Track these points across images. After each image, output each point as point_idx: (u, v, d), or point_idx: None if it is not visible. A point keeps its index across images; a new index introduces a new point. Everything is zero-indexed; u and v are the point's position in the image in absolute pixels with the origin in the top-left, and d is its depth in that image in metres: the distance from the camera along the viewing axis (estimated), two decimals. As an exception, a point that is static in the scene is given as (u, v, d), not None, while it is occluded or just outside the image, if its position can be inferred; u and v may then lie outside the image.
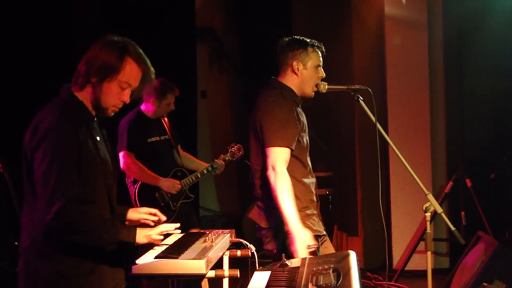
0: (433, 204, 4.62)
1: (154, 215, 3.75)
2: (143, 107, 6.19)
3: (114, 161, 3.63)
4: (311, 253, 4.08)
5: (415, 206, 7.34)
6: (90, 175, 3.27)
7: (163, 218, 3.75)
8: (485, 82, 7.57)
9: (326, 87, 4.55)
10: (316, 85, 4.55)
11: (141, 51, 3.43)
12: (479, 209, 7.04)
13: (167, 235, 3.55)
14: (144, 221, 3.71)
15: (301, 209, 4.36)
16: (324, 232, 4.55)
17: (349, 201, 8.40)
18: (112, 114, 3.47)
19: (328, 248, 4.62)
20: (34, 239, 3.27)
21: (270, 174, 4.23)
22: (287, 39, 4.60)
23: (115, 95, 3.36)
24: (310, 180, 4.54)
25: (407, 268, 7.44)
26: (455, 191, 7.40)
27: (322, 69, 4.58)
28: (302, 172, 4.47)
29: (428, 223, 4.78)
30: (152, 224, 3.64)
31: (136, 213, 3.76)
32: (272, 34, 4.75)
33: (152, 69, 3.46)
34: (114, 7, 7.90)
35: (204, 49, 10.03)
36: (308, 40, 4.56)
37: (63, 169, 3.15)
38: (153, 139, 6.19)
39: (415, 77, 7.93)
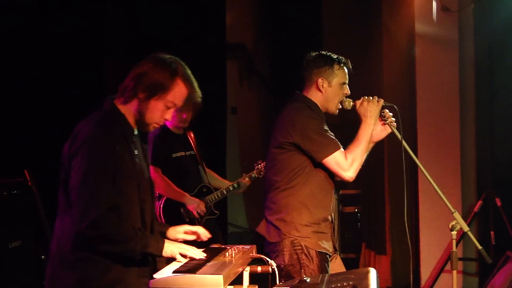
0: (459, 222, 4.56)
1: (195, 233, 3.77)
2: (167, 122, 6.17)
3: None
4: None
5: (444, 225, 7.16)
6: (122, 187, 3.32)
7: (204, 237, 3.77)
8: (515, 100, 7.49)
9: (351, 104, 4.53)
10: (341, 102, 4.54)
11: (189, 72, 3.49)
12: (508, 229, 6.94)
13: None
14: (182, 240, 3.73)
15: (310, 224, 4.36)
16: (331, 253, 4.54)
17: (377, 219, 8.34)
18: (153, 129, 3.55)
19: (338, 265, 4.60)
20: (62, 246, 3.33)
21: (345, 176, 4.35)
22: (313, 54, 4.58)
23: (160, 113, 3.44)
24: (329, 197, 4.51)
25: (435, 287, 7.36)
26: (485, 210, 7.30)
27: (347, 87, 4.55)
28: (324, 187, 4.46)
29: (454, 241, 4.73)
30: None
31: (175, 232, 3.77)
32: (303, 51, 4.74)
33: (198, 91, 3.53)
34: (145, 23, 7.96)
35: (235, 65, 10.04)
36: (335, 57, 4.54)
37: (100, 179, 3.22)
38: (178, 154, 6.19)
39: (445, 94, 7.86)
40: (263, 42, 10.24)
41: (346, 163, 4.31)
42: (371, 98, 4.44)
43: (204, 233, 3.77)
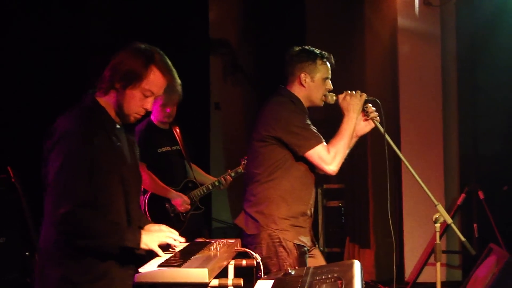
0: (443, 215, 4.57)
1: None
2: (152, 116, 6.16)
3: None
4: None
5: (427, 218, 7.17)
6: (103, 181, 3.30)
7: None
8: (498, 94, 7.52)
9: (334, 98, 4.54)
10: (325, 96, 4.55)
11: (167, 60, 3.46)
12: (491, 222, 6.99)
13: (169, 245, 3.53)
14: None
15: (288, 217, 4.39)
16: (309, 247, 4.55)
17: (361, 213, 8.37)
18: (134, 120, 3.51)
19: (317, 258, 4.62)
20: (47, 243, 3.32)
21: (328, 170, 4.37)
22: (296, 49, 4.58)
23: (138, 102, 3.40)
24: (308, 192, 4.54)
25: (419, 280, 7.40)
26: (468, 203, 7.35)
27: (330, 82, 4.57)
28: (303, 181, 4.48)
29: (437, 234, 4.75)
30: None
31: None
32: (287, 47, 4.75)
33: (178, 80, 3.51)
34: (128, 19, 7.95)
35: (218, 61, 10.07)
36: (318, 52, 4.54)
37: (73, 173, 3.19)
38: (164, 149, 6.16)
39: (428, 89, 7.91)
40: (247, 38, 10.27)
41: (329, 156, 4.33)
42: (353, 92, 4.47)
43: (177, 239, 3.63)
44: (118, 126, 3.49)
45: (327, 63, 4.55)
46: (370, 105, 4.53)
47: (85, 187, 3.20)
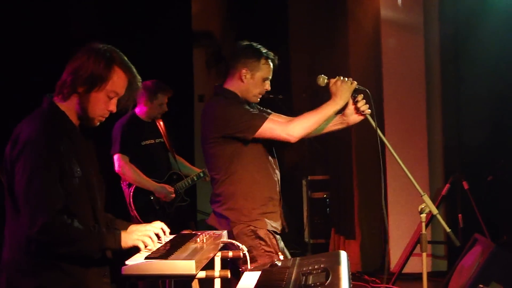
0: (429, 205, 4.57)
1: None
2: (137, 109, 6.17)
3: (106, 167, 3.61)
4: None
5: (413, 208, 7.18)
6: (70, 188, 3.22)
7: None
8: (482, 84, 7.54)
9: (326, 81, 4.50)
10: (316, 79, 4.52)
11: (125, 58, 3.40)
12: (476, 212, 7.02)
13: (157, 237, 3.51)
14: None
15: (257, 206, 4.43)
16: (280, 231, 4.57)
17: (346, 204, 8.38)
18: (98, 123, 3.44)
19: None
20: (16, 253, 3.23)
21: (286, 136, 4.34)
22: (243, 44, 4.58)
23: (103, 105, 3.33)
24: (269, 176, 4.54)
25: (405, 271, 7.41)
26: (452, 193, 7.38)
27: (269, 83, 4.57)
28: (262, 167, 4.50)
29: (423, 224, 4.75)
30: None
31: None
32: (270, 38, 4.75)
33: (138, 77, 3.43)
34: (110, 11, 7.89)
35: (201, 53, 10.03)
36: (264, 51, 4.54)
37: (45, 182, 3.11)
38: (147, 142, 6.17)
39: (412, 79, 7.91)
40: (230, 29, 10.22)
41: (283, 126, 4.34)
42: (346, 79, 4.45)
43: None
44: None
45: (271, 64, 4.55)
46: (362, 96, 4.52)
47: (59, 194, 3.13)
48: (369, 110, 4.52)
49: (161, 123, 6.35)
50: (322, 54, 5.21)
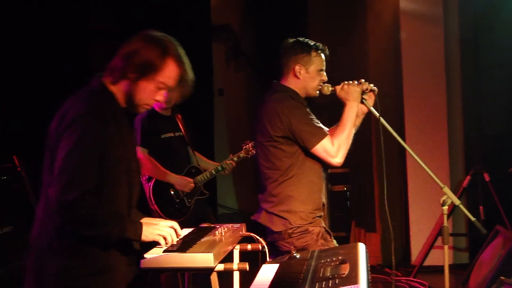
0: (450, 196, 4.55)
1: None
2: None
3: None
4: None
5: (433, 201, 7.23)
6: (113, 172, 3.19)
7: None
8: (502, 75, 7.51)
9: (330, 89, 4.52)
10: (320, 87, 4.53)
11: (181, 51, 3.36)
12: (497, 203, 6.99)
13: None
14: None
15: (313, 210, 4.45)
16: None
17: (366, 197, 8.37)
18: (143, 111, 3.44)
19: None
20: (46, 231, 3.17)
21: (334, 162, 4.36)
22: (291, 41, 4.56)
23: (150, 94, 3.30)
24: (323, 182, 4.56)
25: (426, 263, 7.40)
26: (473, 185, 7.35)
27: (324, 73, 4.55)
28: (318, 172, 4.50)
29: (445, 216, 4.74)
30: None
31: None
32: (289, 31, 4.73)
33: (191, 74, 3.40)
34: (129, 6, 7.93)
35: (221, 47, 10.04)
36: (312, 43, 4.53)
37: (84, 159, 3.06)
38: (167, 135, 6.16)
39: (432, 72, 7.88)
40: (248, 23, 10.23)
41: (333, 149, 4.33)
42: (350, 82, 4.46)
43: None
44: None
45: (322, 55, 4.54)
46: (367, 83, 4.51)
47: (94, 175, 3.08)
48: (372, 86, 4.51)
49: (180, 117, 6.35)
50: (341, 46, 5.21)
